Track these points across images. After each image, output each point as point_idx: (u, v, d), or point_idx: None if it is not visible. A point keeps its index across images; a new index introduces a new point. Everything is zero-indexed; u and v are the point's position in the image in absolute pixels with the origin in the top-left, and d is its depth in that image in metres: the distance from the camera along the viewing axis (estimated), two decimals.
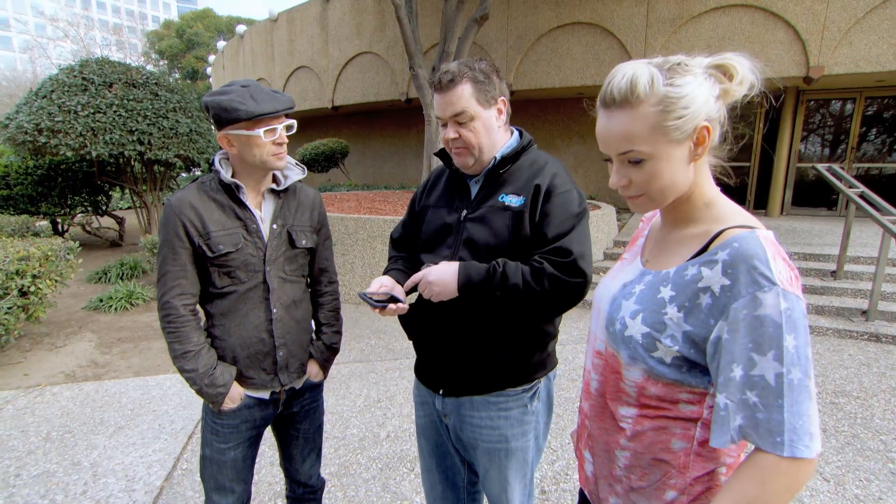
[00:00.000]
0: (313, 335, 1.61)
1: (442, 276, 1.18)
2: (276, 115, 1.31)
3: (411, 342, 1.45)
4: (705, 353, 0.76)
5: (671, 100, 0.77)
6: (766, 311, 0.69)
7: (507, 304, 1.17)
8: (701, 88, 0.78)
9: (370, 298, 1.23)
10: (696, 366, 0.78)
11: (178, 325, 1.34)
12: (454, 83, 1.20)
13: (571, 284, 1.14)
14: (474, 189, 1.33)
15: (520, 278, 1.14)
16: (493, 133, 1.27)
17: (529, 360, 1.29)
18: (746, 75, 0.80)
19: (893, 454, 2.62)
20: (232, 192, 1.38)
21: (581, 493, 1.09)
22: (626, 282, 0.91)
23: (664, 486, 0.83)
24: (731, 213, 0.82)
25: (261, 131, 1.30)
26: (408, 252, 1.51)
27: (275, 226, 1.43)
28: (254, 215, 1.40)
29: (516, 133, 1.36)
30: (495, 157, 1.27)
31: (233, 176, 1.39)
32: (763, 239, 0.73)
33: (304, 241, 1.48)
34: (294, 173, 1.49)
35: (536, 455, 1.39)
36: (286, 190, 1.47)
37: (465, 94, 1.21)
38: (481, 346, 1.26)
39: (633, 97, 0.78)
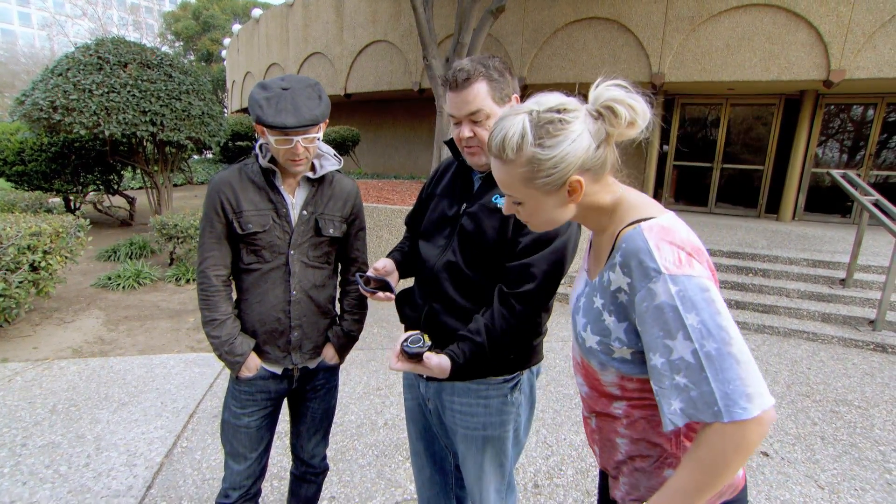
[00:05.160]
0: (337, 320, 1.65)
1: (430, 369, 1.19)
2: (287, 130, 1.30)
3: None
4: None
5: (539, 161, 0.80)
6: (661, 298, 0.73)
7: (502, 352, 1.23)
8: (577, 143, 0.79)
9: (363, 284, 1.30)
10: None
11: (208, 293, 1.43)
12: (470, 81, 1.19)
13: (538, 307, 1.23)
14: (477, 184, 1.34)
15: (496, 333, 1.19)
16: None
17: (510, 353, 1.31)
18: (637, 119, 0.80)
19: (891, 465, 2.60)
20: (268, 175, 1.44)
21: (601, 473, 1.12)
22: (577, 294, 0.97)
23: (662, 465, 0.88)
24: (631, 209, 0.84)
25: (272, 139, 1.33)
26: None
27: (304, 212, 1.47)
28: (285, 200, 1.45)
29: None
30: None
31: (271, 161, 1.44)
32: (646, 230, 0.76)
33: (330, 230, 1.51)
34: (330, 163, 1.52)
35: (515, 447, 1.40)
36: (322, 179, 1.51)
37: (480, 92, 1.19)
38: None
39: (504, 155, 0.83)
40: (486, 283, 1.26)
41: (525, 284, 1.18)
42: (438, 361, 1.16)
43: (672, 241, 0.75)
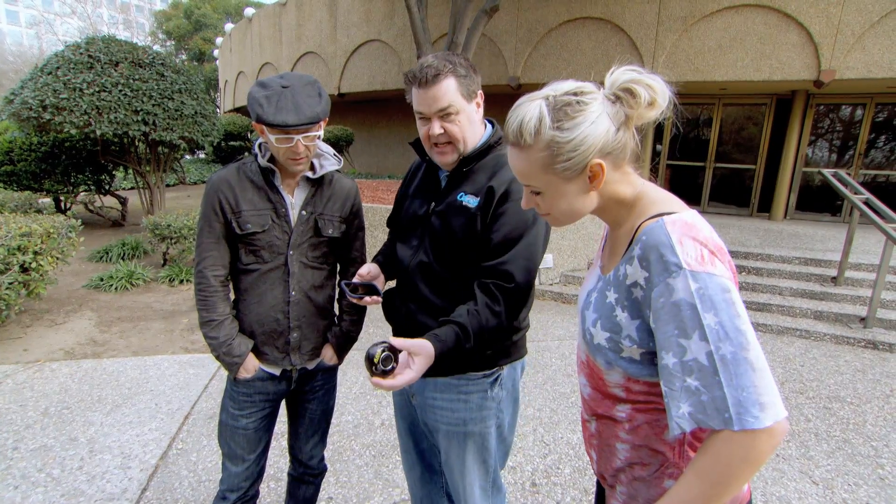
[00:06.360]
0: (336, 320, 1.64)
1: (421, 371, 1.11)
2: (288, 128, 1.28)
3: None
4: None
5: (558, 144, 0.78)
6: (679, 295, 0.69)
7: (483, 346, 1.21)
8: (596, 125, 0.77)
9: (349, 291, 1.31)
10: None
11: (206, 294, 1.42)
12: (439, 78, 1.18)
13: (520, 304, 1.23)
14: (443, 183, 1.35)
15: (476, 326, 1.15)
16: (475, 126, 1.28)
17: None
18: (656, 99, 0.78)
19: (883, 460, 2.64)
20: (267, 175, 1.42)
21: (598, 483, 1.10)
22: (588, 290, 0.94)
23: (663, 476, 0.85)
24: (653, 204, 0.82)
25: (272, 138, 1.31)
26: None
27: (304, 212, 1.46)
28: (284, 200, 1.44)
29: (489, 126, 1.36)
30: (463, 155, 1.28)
31: (270, 160, 1.42)
32: (669, 224, 0.74)
33: (330, 231, 1.50)
34: (330, 163, 1.50)
35: (500, 445, 1.40)
36: (321, 179, 1.49)
37: (450, 88, 1.19)
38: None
39: (522, 141, 0.81)
40: (458, 281, 1.27)
41: (504, 282, 1.18)
42: (420, 364, 1.08)
43: (696, 237, 0.72)
